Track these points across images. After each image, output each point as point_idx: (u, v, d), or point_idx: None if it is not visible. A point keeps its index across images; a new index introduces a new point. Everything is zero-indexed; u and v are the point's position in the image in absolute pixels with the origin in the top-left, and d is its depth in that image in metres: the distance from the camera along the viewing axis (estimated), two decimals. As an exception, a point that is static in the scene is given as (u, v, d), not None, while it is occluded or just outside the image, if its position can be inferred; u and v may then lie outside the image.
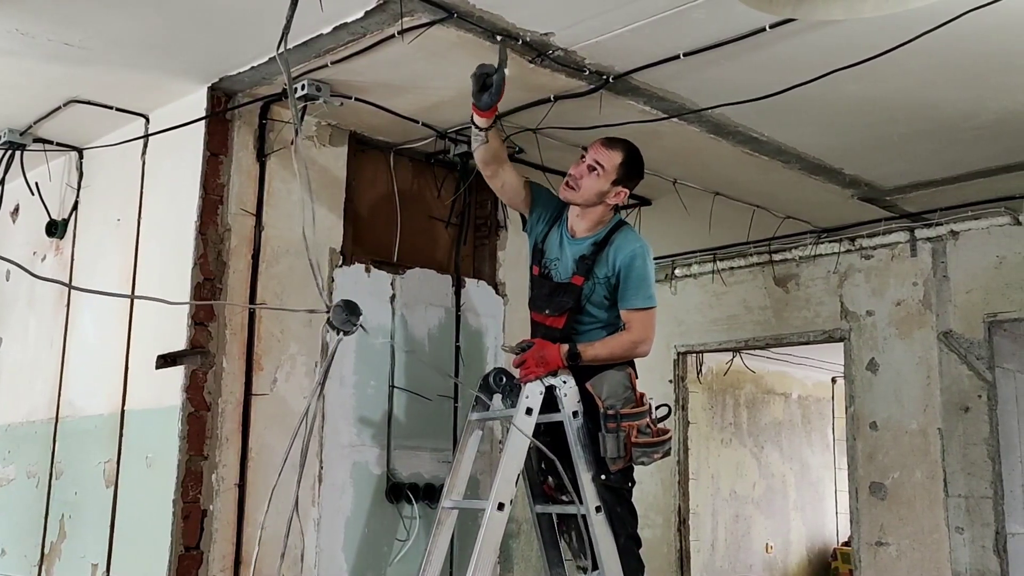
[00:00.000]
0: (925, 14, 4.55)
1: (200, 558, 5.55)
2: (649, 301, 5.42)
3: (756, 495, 14.59)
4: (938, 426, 8.39)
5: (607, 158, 5.44)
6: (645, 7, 4.78)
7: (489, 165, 5.69)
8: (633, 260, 5.38)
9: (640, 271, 5.39)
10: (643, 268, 5.40)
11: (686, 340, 10.57)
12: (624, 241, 5.45)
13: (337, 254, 6.31)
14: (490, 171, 5.73)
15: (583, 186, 5.45)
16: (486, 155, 5.63)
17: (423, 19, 4.87)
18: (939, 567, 8.25)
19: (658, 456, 5.34)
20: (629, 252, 5.39)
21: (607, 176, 5.43)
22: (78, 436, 6.43)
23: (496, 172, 5.72)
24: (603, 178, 5.43)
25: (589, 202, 5.49)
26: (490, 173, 5.74)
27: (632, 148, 5.54)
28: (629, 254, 5.39)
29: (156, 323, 5.91)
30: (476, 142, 5.58)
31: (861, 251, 9.03)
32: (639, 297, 5.40)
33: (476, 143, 5.59)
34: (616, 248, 5.43)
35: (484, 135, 5.50)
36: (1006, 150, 6.81)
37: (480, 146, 5.58)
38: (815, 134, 6.58)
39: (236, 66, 5.66)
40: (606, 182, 5.44)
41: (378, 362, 6.43)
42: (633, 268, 5.38)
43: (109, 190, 6.65)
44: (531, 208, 5.79)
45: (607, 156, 5.45)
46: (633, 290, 5.39)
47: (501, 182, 5.78)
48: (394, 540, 6.37)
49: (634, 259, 5.38)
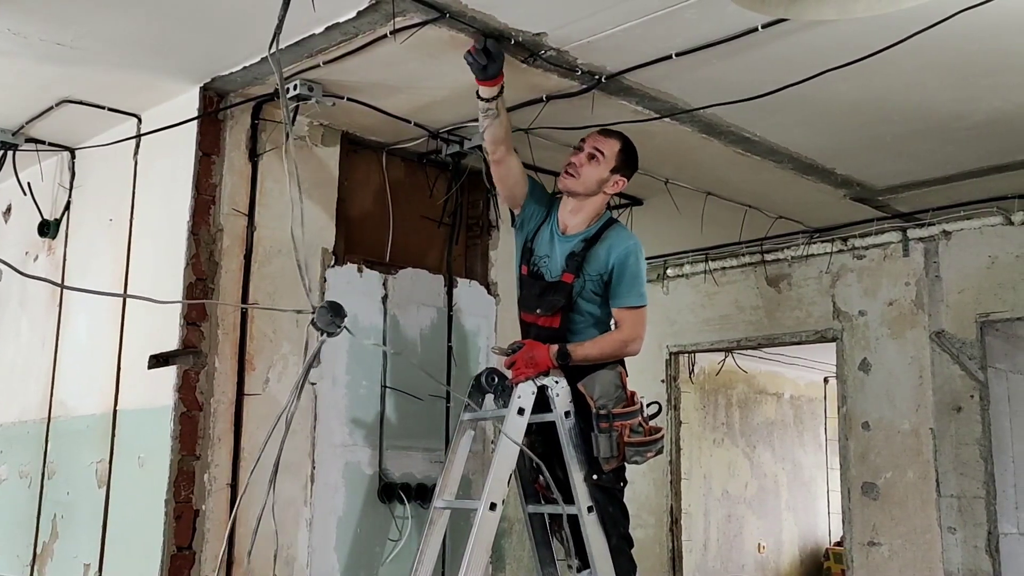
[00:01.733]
0: (917, 14, 4.56)
1: (192, 558, 5.55)
2: (641, 299, 5.42)
3: (748, 495, 14.58)
4: (930, 426, 8.39)
5: (606, 145, 5.49)
6: (637, 7, 4.78)
7: (499, 146, 5.59)
8: (627, 257, 5.38)
9: (633, 269, 5.40)
10: (636, 266, 5.41)
11: (678, 340, 10.56)
12: (618, 238, 5.46)
13: (329, 254, 6.31)
14: (499, 154, 5.62)
15: (583, 174, 5.47)
16: (498, 132, 5.53)
17: (415, 19, 4.88)
18: (931, 567, 8.26)
19: (651, 455, 5.34)
20: (624, 249, 5.40)
21: (607, 163, 5.48)
22: (70, 436, 6.43)
23: (504, 156, 5.63)
24: (603, 165, 5.47)
25: (589, 190, 5.50)
26: (498, 157, 5.63)
27: (628, 138, 5.60)
28: (624, 251, 5.39)
29: (148, 323, 5.91)
30: (486, 119, 5.48)
31: (853, 251, 9.03)
32: (631, 295, 5.40)
33: (486, 120, 5.48)
34: (610, 245, 5.42)
35: (494, 107, 5.41)
36: (998, 150, 6.82)
37: (491, 122, 5.47)
38: (807, 134, 6.58)
39: (228, 66, 5.66)
40: (606, 169, 5.48)
41: (370, 362, 6.43)
42: (627, 266, 5.38)
43: (101, 190, 6.65)
44: (525, 203, 5.77)
45: (606, 144, 5.50)
46: (626, 288, 5.40)
47: (507, 168, 5.69)
48: (386, 540, 6.37)
49: (628, 256, 5.39)
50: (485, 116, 5.48)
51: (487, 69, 5.17)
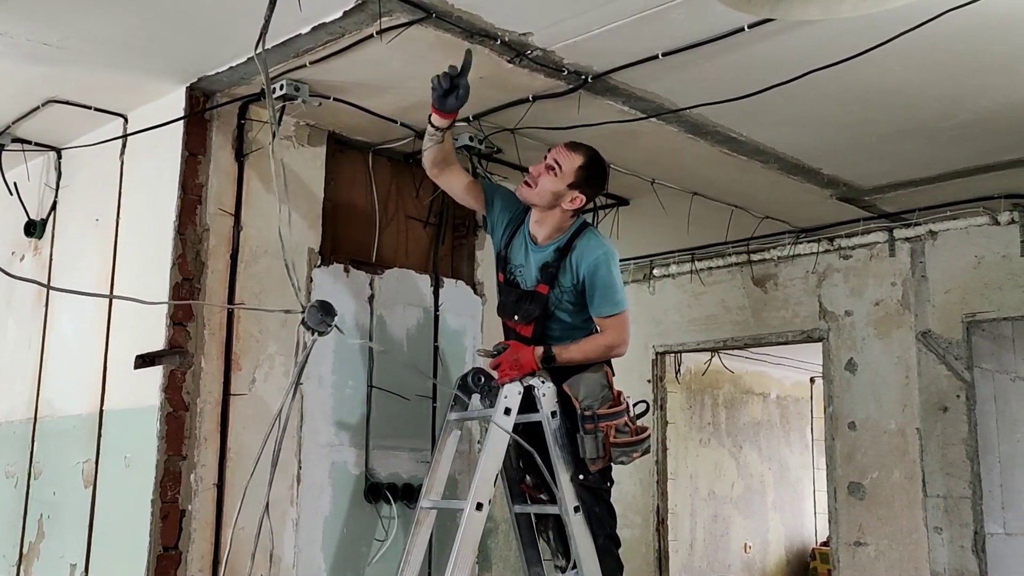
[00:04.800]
0: (903, 14, 4.57)
1: (178, 558, 5.54)
2: (618, 306, 5.39)
3: (735, 495, 14.61)
4: (917, 426, 8.41)
5: (567, 160, 5.36)
6: (624, 7, 4.78)
7: (437, 165, 5.64)
8: (597, 269, 5.33)
9: (605, 278, 5.34)
10: (608, 275, 5.34)
11: (664, 340, 10.56)
12: (586, 248, 5.39)
13: (315, 254, 6.30)
14: (437, 171, 5.67)
15: (539, 184, 5.37)
16: (437, 156, 5.58)
17: (401, 19, 4.87)
18: (918, 567, 8.27)
19: (637, 455, 5.34)
20: (592, 261, 5.33)
21: (563, 178, 5.34)
22: (57, 436, 6.41)
23: (443, 172, 5.68)
24: (559, 179, 5.34)
25: (544, 202, 5.40)
26: (436, 173, 5.69)
27: (594, 155, 5.47)
28: (592, 263, 5.33)
29: (135, 323, 5.90)
30: (430, 142, 5.52)
31: (840, 251, 9.04)
32: (607, 304, 5.37)
33: (429, 143, 5.53)
34: (578, 256, 5.37)
35: (440, 135, 5.46)
36: (984, 150, 6.83)
37: (433, 146, 5.53)
38: (793, 134, 6.59)
39: (214, 66, 5.65)
40: (562, 184, 5.35)
41: (357, 362, 6.42)
42: (597, 276, 5.33)
43: (88, 190, 6.64)
44: (488, 207, 5.75)
45: (567, 158, 5.37)
46: (600, 298, 5.36)
47: (448, 184, 5.76)
48: (372, 540, 6.36)
49: (597, 267, 5.33)
50: (429, 139, 5.52)
51: (446, 100, 5.15)
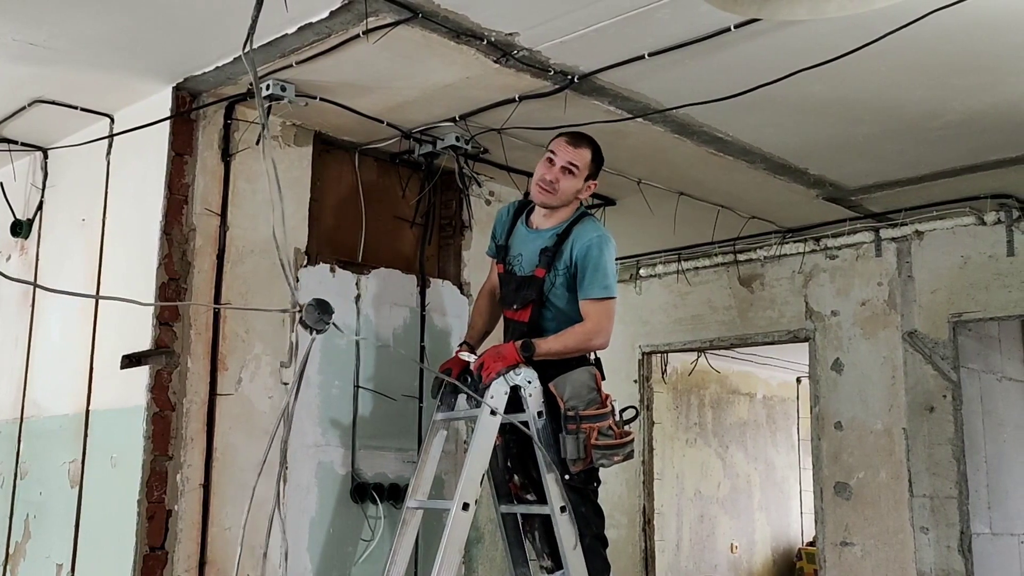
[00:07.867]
0: (889, 14, 4.58)
1: (165, 558, 5.54)
2: (606, 291, 5.41)
3: (721, 495, 14.62)
4: (903, 426, 8.41)
5: (579, 157, 5.52)
6: (610, 7, 4.79)
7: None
8: (589, 250, 5.39)
9: (596, 260, 5.39)
10: (599, 257, 5.40)
11: (651, 340, 10.55)
12: (582, 231, 5.49)
13: (302, 254, 6.30)
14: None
15: (561, 188, 5.50)
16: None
17: (388, 19, 4.88)
18: (904, 567, 8.28)
19: (618, 459, 5.34)
20: (585, 242, 5.41)
21: (582, 174, 5.54)
22: (43, 436, 6.41)
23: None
24: (578, 177, 5.53)
25: (566, 202, 5.58)
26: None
27: (594, 141, 5.65)
28: (585, 244, 5.41)
29: (121, 323, 5.89)
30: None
31: (826, 251, 9.05)
32: (595, 287, 5.39)
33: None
34: (574, 238, 5.46)
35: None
36: (970, 150, 6.84)
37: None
38: (780, 134, 6.60)
39: (201, 66, 5.64)
40: (581, 180, 5.55)
41: (343, 362, 6.42)
42: (589, 257, 5.39)
43: (74, 190, 6.63)
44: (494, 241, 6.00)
45: (578, 155, 5.52)
46: (589, 279, 5.39)
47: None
48: (359, 540, 6.36)
49: (590, 248, 5.40)
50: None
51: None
